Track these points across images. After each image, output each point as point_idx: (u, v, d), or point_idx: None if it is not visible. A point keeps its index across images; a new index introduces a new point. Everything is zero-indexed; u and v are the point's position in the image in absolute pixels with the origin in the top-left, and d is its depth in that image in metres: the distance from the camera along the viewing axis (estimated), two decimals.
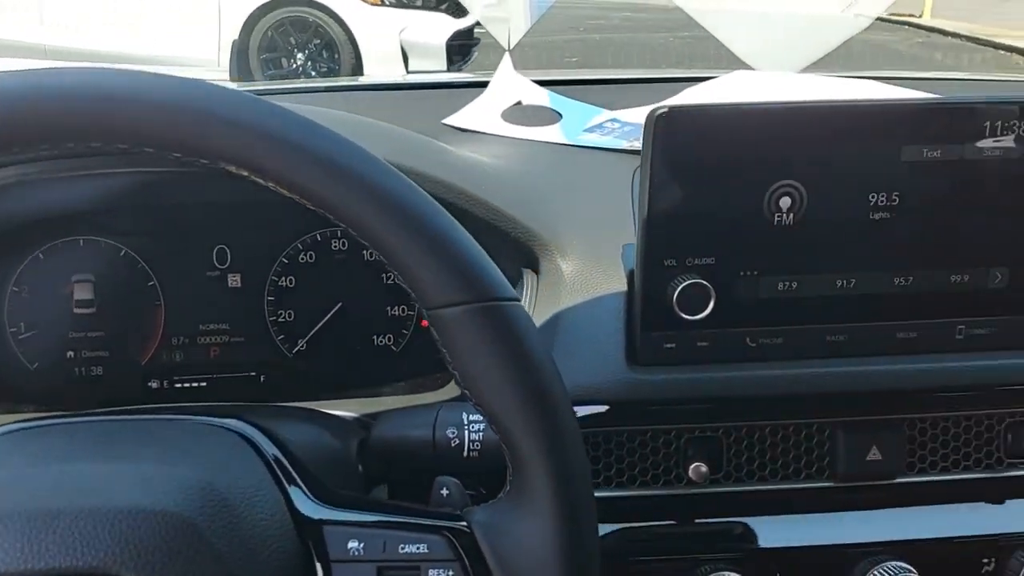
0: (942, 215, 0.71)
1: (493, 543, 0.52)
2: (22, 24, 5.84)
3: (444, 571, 0.52)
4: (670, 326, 0.71)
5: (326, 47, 6.35)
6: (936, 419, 0.76)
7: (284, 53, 6.42)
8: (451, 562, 0.52)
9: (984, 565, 0.75)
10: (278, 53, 6.43)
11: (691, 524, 0.75)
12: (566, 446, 0.51)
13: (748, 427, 0.75)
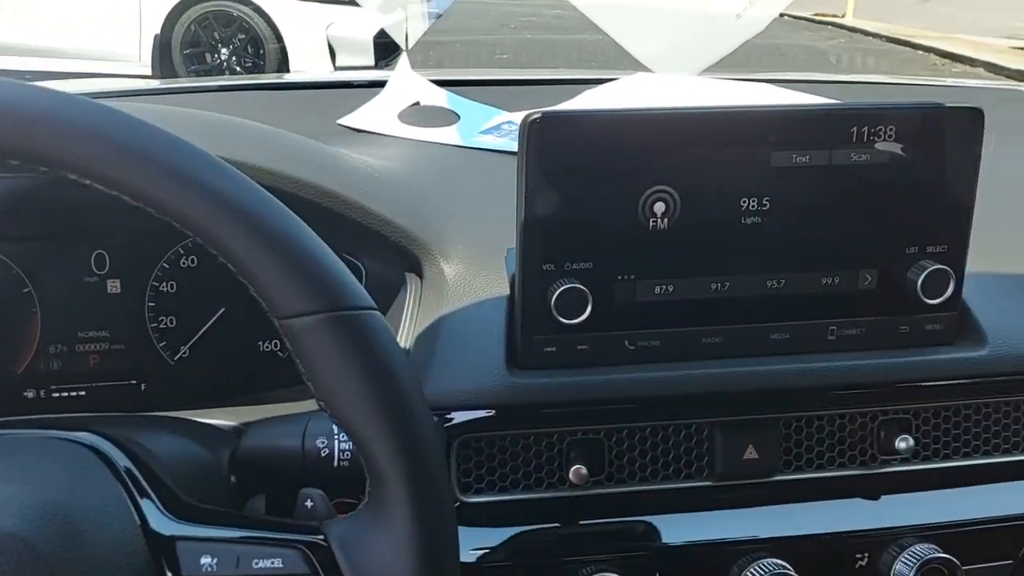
0: (812, 219, 0.72)
1: (350, 557, 0.52)
2: None
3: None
4: (550, 330, 0.72)
5: (251, 42, 6.25)
6: (810, 418, 0.77)
7: (208, 48, 6.30)
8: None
9: (858, 560, 0.77)
10: (202, 48, 6.31)
11: (573, 526, 0.75)
12: (422, 457, 0.51)
13: (629, 428, 0.76)
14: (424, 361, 0.73)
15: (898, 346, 0.76)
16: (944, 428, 0.79)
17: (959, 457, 0.80)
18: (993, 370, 0.77)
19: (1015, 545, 0.79)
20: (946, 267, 0.73)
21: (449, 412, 0.72)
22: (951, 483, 0.79)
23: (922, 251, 0.74)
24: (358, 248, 0.82)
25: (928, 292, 0.74)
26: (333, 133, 1.03)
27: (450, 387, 0.71)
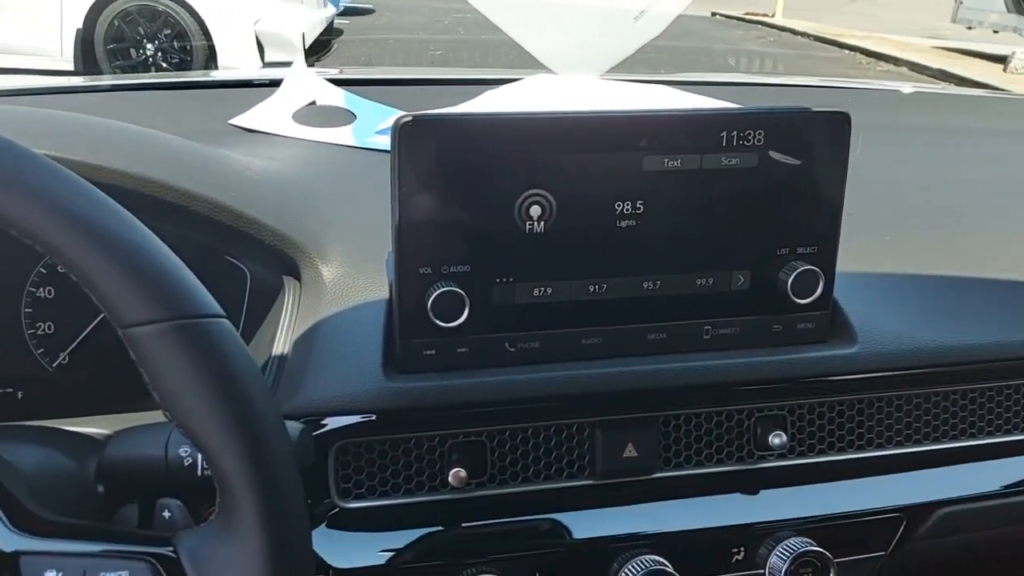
0: (685, 222, 0.73)
1: (199, 569, 0.51)
2: None
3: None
4: (429, 333, 0.72)
5: (177, 37, 6.12)
6: (688, 415, 0.79)
7: (132, 43, 6.15)
8: None
9: (734, 554, 0.79)
10: (126, 43, 6.16)
11: (455, 529, 0.76)
12: (270, 467, 0.50)
13: (511, 430, 0.76)
14: (300, 366, 0.73)
15: (772, 345, 0.78)
16: (818, 424, 0.82)
17: (833, 452, 0.82)
18: (864, 367, 0.79)
19: (885, 538, 0.82)
20: (816, 268, 0.75)
21: (324, 418, 0.71)
22: (825, 478, 0.82)
23: (793, 252, 0.76)
24: (240, 252, 0.81)
25: (798, 292, 0.76)
26: (225, 133, 1.02)
27: (326, 393, 0.71)
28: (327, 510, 0.73)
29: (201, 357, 0.48)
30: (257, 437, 0.50)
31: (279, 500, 0.50)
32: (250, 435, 0.49)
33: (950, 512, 0.83)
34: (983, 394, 0.86)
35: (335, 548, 0.72)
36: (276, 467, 0.50)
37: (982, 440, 0.86)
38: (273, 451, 0.50)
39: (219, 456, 0.49)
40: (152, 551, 0.51)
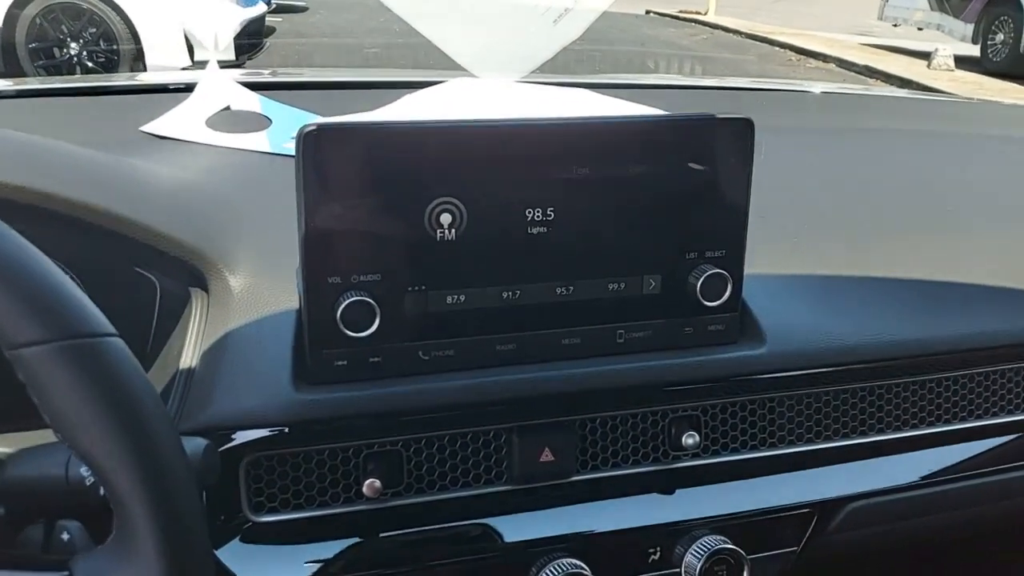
0: (596, 228, 0.74)
1: None
2: None
3: None
4: (339, 343, 0.71)
5: (103, 36, 5.96)
6: (604, 418, 0.80)
7: (56, 43, 5.98)
8: None
9: (651, 554, 0.80)
10: (49, 43, 5.98)
11: (372, 540, 0.75)
12: (165, 485, 0.49)
13: (427, 438, 0.76)
14: (208, 379, 0.72)
15: (684, 347, 0.79)
16: (730, 423, 0.83)
17: (745, 450, 0.84)
18: (773, 367, 0.81)
19: (797, 533, 0.84)
20: (723, 271, 0.77)
21: (233, 432, 0.70)
22: (738, 475, 0.83)
23: (701, 256, 0.77)
24: (147, 263, 0.79)
25: (707, 295, 0.77)
26: (136, 141, 1.00)
27: (235, 406, 0.70)
28: (240, 524, 0.72)
29: (89, 377, 0.47)
30: (150, 456, 0.49)
31: (175, 519, 0.49)
32: (142, 454, 0.48)
33: (860, 506, 0.85)
34: (890, 390, 0.88)
35: (249, 563, 0.71)
36: (171, 484, 0.49)
37: (890, 435, 0.89)
38: (167, 469, 0.49)
39: (111, 476, 0.48)
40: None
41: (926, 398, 0.90)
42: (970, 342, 0.88)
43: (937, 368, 0.89)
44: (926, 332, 0.87)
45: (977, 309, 0.90)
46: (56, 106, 1.14)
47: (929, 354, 0.87)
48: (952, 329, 0.89)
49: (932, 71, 8.99)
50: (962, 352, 0.88)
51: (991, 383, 0.92)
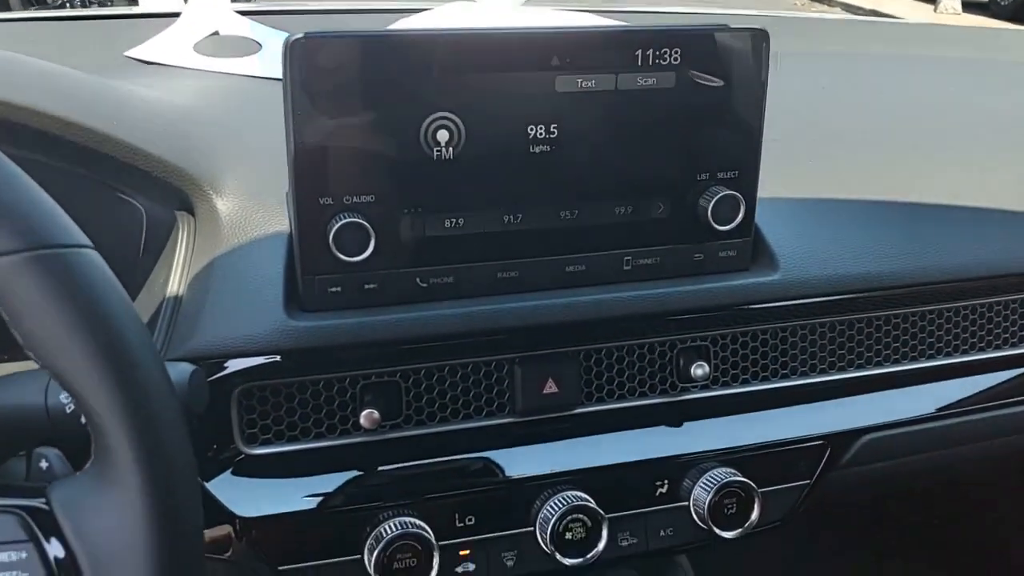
0: (602, 147, 0.70)
1: (73, 520, 0.47)
2: None
3: (14, 554, 0.46)
4: (333, 269, 0.68)
5: None
6: (610, 349, 0.77)
7: None
8: (22, 543, 0.46)
9: (658, 487, 0.77)
10: None
11: (370, 473, 0.72)
12: (146, 405, 0.46)
13: (426, 369, 0.73)
14: (197, 306, 0.68)
15: (693, 274, 0.76)
16: (741, 354, 0.80)
17: (757, 382, 0.81)
18: (786, 294, 0.78)
19: (810, 466, 0.81)
20: (736, 193, 0.73)
21: (224, 360, 0.67)
22: (749, 408, 0.80)
23: (713, 177, 0.73)
24: (131, 187, 0.76)
25: (719, 218, 0.73)
26: (121, 66, 0.95)
27: (225, 333, 0.67)
28: (232, 457, 0.69)
29: (61, 290, 0.44)
30: (128, 374, 0.46)
31: (157, 443, 0.46)
32: (119, 372, 0.45)
33: (874, 438, 0.83)
34: (906, 319, 0.85)
35: (242, 496, 0.69)
36: (151, 406, 0.46)
37: (905, 366, 0.86)
38: (147, 389, 0.46)
39: (88, 396, 0.45)
40: (22, 503, 0.47)
41: (944, 328, 0.87)
42: (992, 268, 0.85)
43: (955, 296, 0.86)
44: (946, 259, 0.83)
45: (999, 235, 0.87)
46: (38, 31, 1.09)
47: (948, 281, 0.83)
48: (973, 256, 0.85)
49: (938, 15, 8.83)
50: (982, 279, 0.85)
51: (1010, 312, 0.89)
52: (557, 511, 0.72)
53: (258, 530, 0.69)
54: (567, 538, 0.73)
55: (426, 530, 0.70)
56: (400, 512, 0.71)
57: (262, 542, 0.69)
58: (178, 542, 0.47)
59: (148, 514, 0.46)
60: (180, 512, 0.48)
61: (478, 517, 0.74)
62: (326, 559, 0.70)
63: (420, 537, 0.69)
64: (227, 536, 0.69)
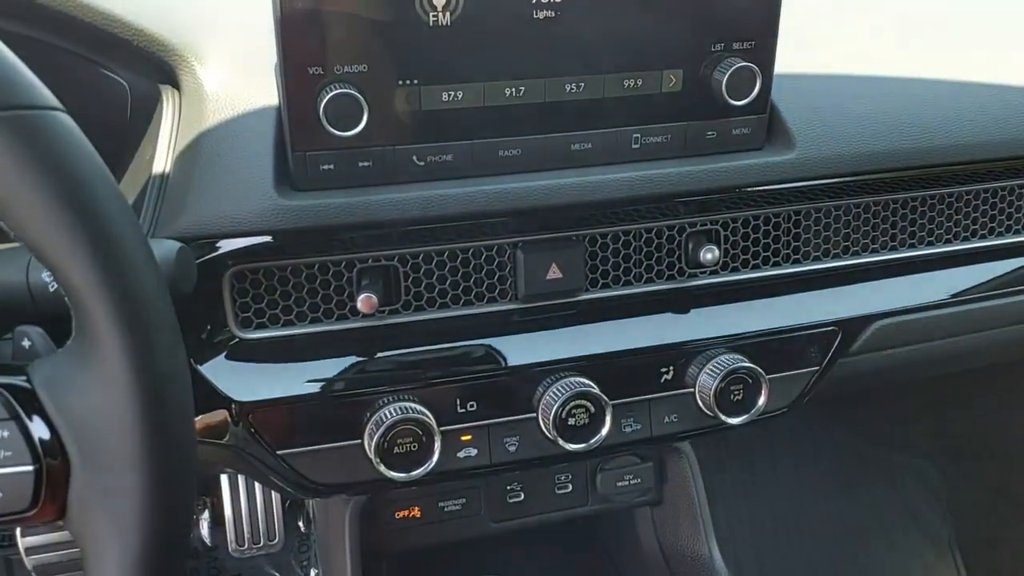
0: (611, 13, 0.65)
1: (56, 397, 0.45)
2: None
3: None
4: (324, 144, 0.64)
5: None
6: (616, 233, 0.74)
7: None
8: (3, 422, 0.44)
9: (663, 374, 0.75)
10: None
11: (369, 358, 0.70)
12: (128, 278, 0.44)
13: (424, 252, 0.70)
14: (184, 184, 0.65)
15: (705, 153, 0.72)
16: (752, 238, 0.77)
17: (767, 267, 0.78)
18: (802, 174, 0.74)
19: (820, 352, 0.79)
20: (752, 64, 0.69)
21: (215, 241, 0.64)
22: (759, 294, 0.78)
23: (728, 48, 0.69)
24: (113, 60, 0.71)
25: (734, 92, 0.69)
26: None
27: (214, 211, 0.64)
28: (226, 340, 0.67)
29: (31, 153, 0.41)
30: (106, 242, 0.43)
31: (138, 315, 0.44)
32: (97, 239, 0.42)
33: (886, 324, 0.81)
34: (924, 202, 0.82)
35: (238, 380, 0.67)
36: (132, 277, 0.44)
37: (919, 251, 0.83)
38: (128, 259, 0.44)
39: (65, 267, 0.42)
40: (2, 382, 0.45)
41: (962, 211, 0.84)
42: (1011, 149, 0.81)
43: (973, 179, 0.82)
44: (964, 138, 0.79)
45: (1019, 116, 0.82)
46: None
47: (966, 162, 0.80)
48: (992, 136, 0.81)
49: None
50: (1000, 160, 0.81)
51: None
52: (560, 397, 0.70)
53: (256, 415, 0.67)
54: (570, 424, 0.71)
55: (427, 415, 0.68)
56: (400, 397, 0.70)
57: (260, 427, 0.67)
58: (166, 419, 0.45)
59: (132, 391, 0.44)
60: (166, 388, 0.45)
61: (480, 403, 0.72)
62: (325, 443, 0.69)
63: (421, 422, 0.67)
64: (224, 421, 0.68)
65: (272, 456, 0.68)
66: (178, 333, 0.47)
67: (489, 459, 0.74)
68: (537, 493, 0.91)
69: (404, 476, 0.68)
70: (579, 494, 0.93)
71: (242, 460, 0.70)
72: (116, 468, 0.45)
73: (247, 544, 1.27)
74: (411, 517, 0.89)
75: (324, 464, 0.70)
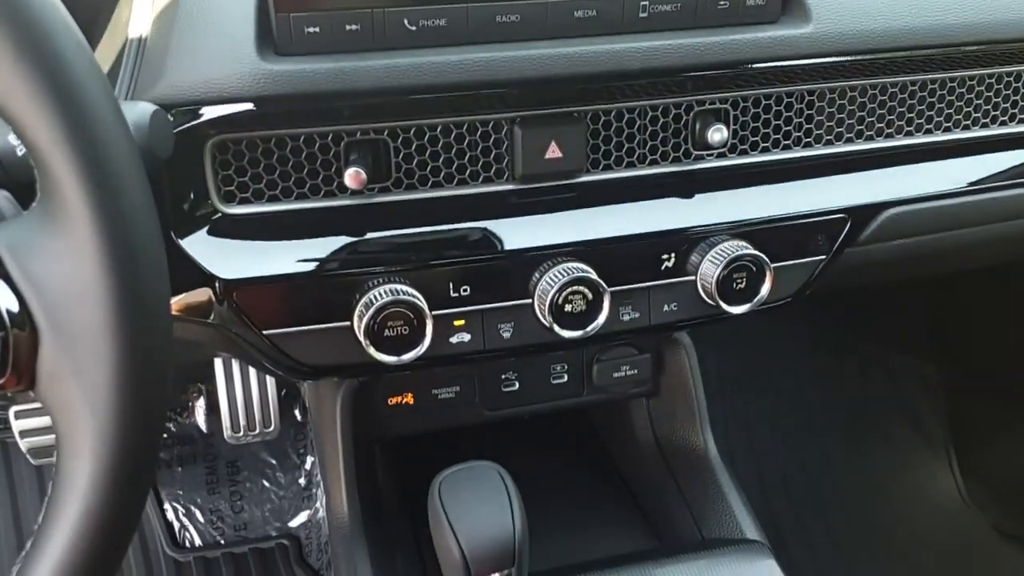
0: None
1: (23, 265, 0.43)
2: None
3: None
4: (309, 5, 0.60)
5: None
6: (620, 110, 0.70)
7: None
8: None
9: (664, 261, 0.73)
10: None
11: (358, 238, 0.68)
12: (94, 131, 0.41)
13: (416, 126, 0.67)
14: (161, 47, 0.61)
15: (717, 24, 0.68)
16: (763, 119, 0.73)
17: (777, 150, 0.75)
18: (818, 50, 0.70)
19: (828, 241, 0.76)
20: None
21: (196, 108, 0.60)
22: (767, 179, 0.75)
23: None
24: None
25: None
26: None
27: (194, 77, 0.60)
28: (208, 215, 0.64)
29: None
30: (71, 93, 0.40)
31: (107, 173, 0.41)
32: (62, 91, 0.39)
33: (897, 213, 0.77)
34: (943, 85, 0.78)
35: (221, 258, 0.64)
36: (100, 130, 0.41)
37: (936, 137, 0.79)
38: (94, 111, 0.40)
39: (27, 119, 0.39)
40: None
41: (982, 96, 0.80)
42: None
43: (995, 62, 0.78)
44: (986, 16, 0.75)
45: None
46: None
47: (988, 42, 0.75)
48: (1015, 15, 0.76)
49: None
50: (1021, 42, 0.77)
51: None
52: (557, 282, 0.68)
53: (240, 293, 0.65)
54: (566, 311, 0.69)
55: (418, 298, 0.66)
56: (391, 280, 0.67)
57: (245, 306, 0.65)
58: (137, 285, 0.42)
59: (100, 255, 0.41)
60: (137, 253, 0.43)
61: (473, 287, 0.69)
62: (313, 325, 0.67)
63: (412, 305, 0.65)
64: (208, 300, 0.65)
65: (259, 337, 0.66)
66: (149, 196, 0.44)
67: (483, 345, 0.72)
68: (532, 383, 0.90)
69: (395, 360, 0.66)
70: (575, 384, 0.92)
71: (229, 341, 0.69)
72: (86, 338, 0.43)
73: (243, 431, 1.27)
74: (404, 404, 0.87)
75: (313, 346, 0.68)
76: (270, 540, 1.37)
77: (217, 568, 1.34)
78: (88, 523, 0.44)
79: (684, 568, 0.76)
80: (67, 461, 0.44)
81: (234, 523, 1.40)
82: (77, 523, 0.43)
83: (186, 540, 1.37)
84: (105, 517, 0.44)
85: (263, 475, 1.42)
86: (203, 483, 1.40)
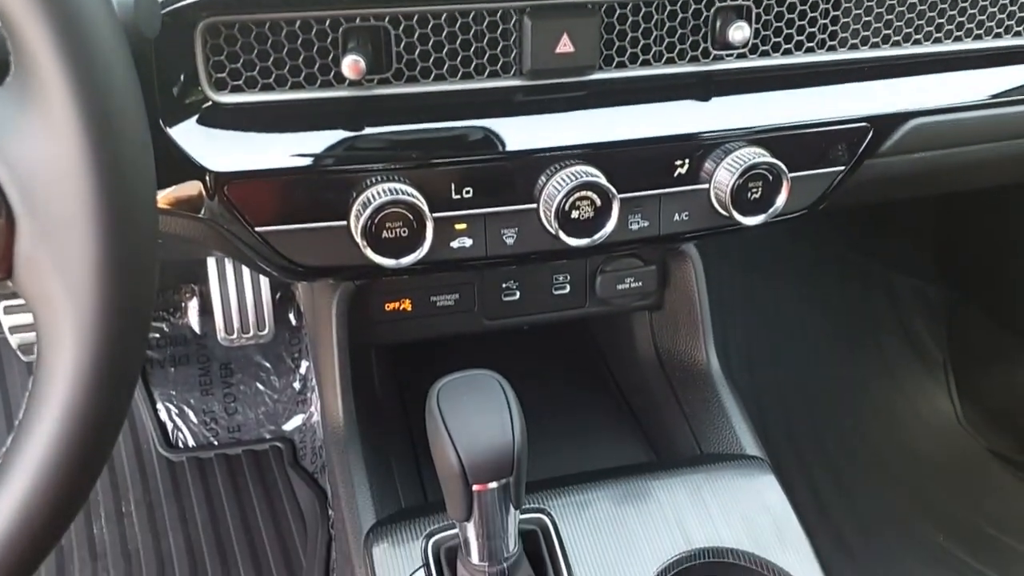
0: None
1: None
2: None
3: None
4: None
5: None
6: (636, 3, 0.66)
7: None
8: None
9: (677, 167, 0.69)
10: None
11: (356, 132, 0.64)
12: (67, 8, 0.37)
13: (419, 13, 0.63)
14: None
15: None
16: (787, 18, 0.69)
17: (800, 52, 0.71)
18: None
19: (848, 150, 0.73)
20: None
21: None
22: (789, 84, 0.71)
23: None
24: None
25: None
26: None
27: None
28: (198, 102, 0.61)
29: None
30: None
31: (84, 43, 0.38)
32: None
33: (921, 123, 0.74)
34: None
35: (211, 148, 0.61)
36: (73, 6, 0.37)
37: (965, 45, 0.75)
38: None
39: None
40: None
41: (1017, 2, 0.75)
42: None
43: None
44: None
45: None
46: None
47: None
48: None
49: None
50: None
51: None
52: (564, 187, 0.65)
53: (232, 187, 0.62)
54: (573, 217, 0.66)
55: (418, 199, 0.63)
56: (390, 178, 0.64)
57: (237, 200, 0.62)
58: (118, 165, 0.39)
59: (78, 131, 0.38)
60: (118, 131, 0.40)
61: (476, 189, 0.66)
62: (308, 223, 0.64)
63: (412, 205, 0.62)
64: (199, 194, 0.62)
65: (251, 234, 0.64)
66: (134, 74, 0.41)
67: (485, 251, 0.69)
68: (533, 292, 0.88)
69: (393, 263, 0.64)
70: (577, 295, 0.89)
71: (221, 238, 0.66)
72: (66, 224, 0.40)
73: (236, 333, 1.25)
74: (401, 310, 0.85)
75: (307, 245, 0.65)
76: (264, 442, 1.37)
77: (211, 468, 1.34)
78: (71, 419, 0.42)
79: (682, 481, 0.75)
80: (48, 354, 0.42)
81: (228, 425, 1.39)
82: (59, 419, 0.41)
83: (179, 440, 1.37)
84: (88, 413, 0.42)
85: (257, 378, 1.41)
86: (196, 384, 1.40)
